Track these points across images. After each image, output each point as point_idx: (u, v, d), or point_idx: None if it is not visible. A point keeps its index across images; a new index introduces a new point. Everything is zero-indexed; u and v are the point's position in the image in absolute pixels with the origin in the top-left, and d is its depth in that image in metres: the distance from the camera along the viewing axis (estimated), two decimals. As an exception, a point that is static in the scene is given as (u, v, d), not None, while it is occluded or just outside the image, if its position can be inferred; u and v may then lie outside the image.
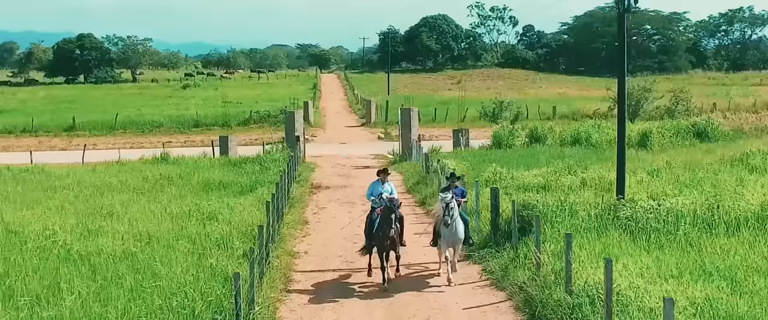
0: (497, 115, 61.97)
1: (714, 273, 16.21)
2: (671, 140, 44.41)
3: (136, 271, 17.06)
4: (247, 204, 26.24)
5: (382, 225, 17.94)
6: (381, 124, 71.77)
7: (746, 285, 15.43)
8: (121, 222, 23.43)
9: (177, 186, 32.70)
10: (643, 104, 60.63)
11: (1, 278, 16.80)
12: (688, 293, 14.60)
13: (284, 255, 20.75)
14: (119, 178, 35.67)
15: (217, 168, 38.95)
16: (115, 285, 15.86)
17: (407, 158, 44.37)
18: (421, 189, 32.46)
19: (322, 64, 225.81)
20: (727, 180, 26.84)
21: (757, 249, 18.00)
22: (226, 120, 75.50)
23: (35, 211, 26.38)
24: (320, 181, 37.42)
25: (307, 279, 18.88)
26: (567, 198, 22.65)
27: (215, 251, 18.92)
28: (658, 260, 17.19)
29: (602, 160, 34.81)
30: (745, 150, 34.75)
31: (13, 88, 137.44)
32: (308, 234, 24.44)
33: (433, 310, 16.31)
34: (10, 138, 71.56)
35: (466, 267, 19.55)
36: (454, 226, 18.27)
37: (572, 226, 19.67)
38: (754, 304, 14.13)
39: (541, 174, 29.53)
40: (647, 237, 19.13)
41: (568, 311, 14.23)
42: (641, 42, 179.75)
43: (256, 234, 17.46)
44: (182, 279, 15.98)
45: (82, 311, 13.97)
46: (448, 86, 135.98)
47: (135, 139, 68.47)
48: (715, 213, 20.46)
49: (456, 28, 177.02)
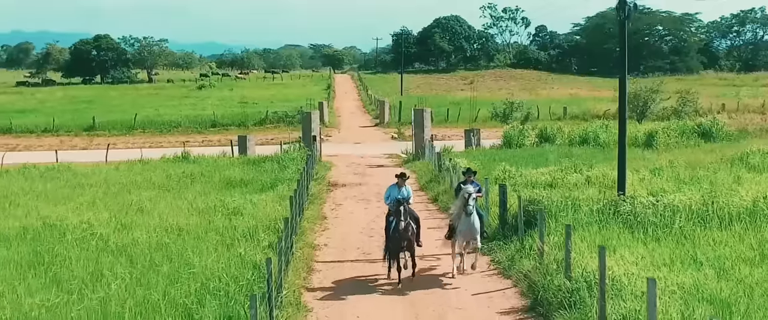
0: (508, 115, 63.32)
1: (704, 262, 17.56)
2: (676, 140, 45.68)
3: (171, 260, 18.53)
4: (269, 201, 27.69)
5: (396, 223, 18.59)
6: (394, 124, 73.18)
7: (733, 272, 16.77)
8: (152, 216, 24.92)
9: (200, 183, 34.20)
10: (651, 105, 61.89)
11: (47, 266, 18.29)
12: (677, 279, 15.95)
13: (306, 247, 22.20)
14: (143, 176, 37.20)
15: (237, 166, 40.38)
16: (153, 272, 17.33)
17: (420, 157, 45.76)
18: (434, 187, 33.86)
19: (336, 64, 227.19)
20: (724, 178, 28.18)
21: (746, 241, 19.34)
22: (243, 120, 77.03)
23: (68, 207, 27.92)
24: (337, 179, 38.84)
25: (327, 268, 20.31)
26: (571, 195, 24.06)
27: (243, 242, 20.37)
28: (653, 251, 18.55)
29: (608, 159, 36.09)
30: (746, 149, 36.02)
31: (31, 88, 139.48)
32: (327, 229, 25.88)
33: (444, 294, 17.74)
34: (32, 137, 73.29)
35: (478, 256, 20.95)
36: (472, 217, 19.04)
37: (575, 221, 21.01)
38: (737, 289, 15.47)
39: (548, 173, 30.93)
40: (644, 231, 20.48)
41: (567, 295, 15.63)
42: (653, 43, 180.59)
43: (282, 227, 18.90)
44: (215, 267, 17.44)
45: (127, 293, 15.44)
46: (460, 87, 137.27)
47: (154, 138, 70.02)
48: (709, 209, 21.80)
49: (468, 29, 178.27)
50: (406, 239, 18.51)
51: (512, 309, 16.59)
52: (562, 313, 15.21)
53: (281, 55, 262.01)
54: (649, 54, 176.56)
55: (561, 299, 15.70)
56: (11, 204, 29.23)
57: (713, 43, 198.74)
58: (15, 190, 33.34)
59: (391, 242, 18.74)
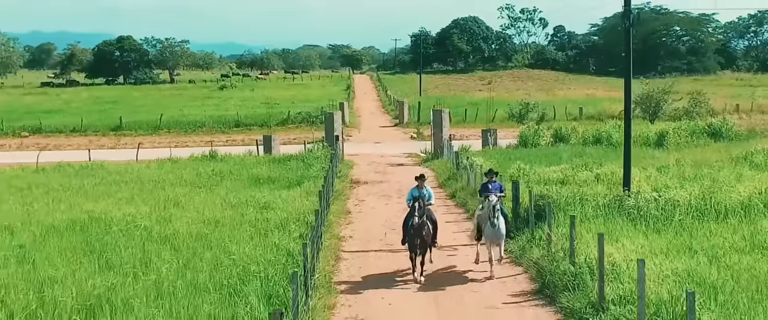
0: (523, 116, 64.96)
1: (698, 251, 19.20)
2: (687, 140, 47.22)
3: (211, 248, 20.33)
4: (297, 196, 29.48)
5: (412, 220, 19.35)
6: (413, 124, 74.90)
7: (724, 260, 18.38)
8: (188, 210, 26.75)
9: (230, 180, 36.02)
10: (663, 106, 63.42)
11: (98, 253, 20.12)
12: (672, 266, 17.59)
13: (332, 239, 23.99)
14: (174, 174, 39.06)
15: (263, 165, 42.15)
16: (197, 258, 19.12)
17: (439, 156, 47.49)
18: (452, 184, 35.61)
19: (354, 64, 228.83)
20: (726, 175, 29.75)
21: (739, 232, 20.95)
22: (266, 120, 78.92)
23: (108, 202, 29.78)
24: (359, 177, 40.62)
25: (353, 257, 22.08)
26: (580, 191, 25.79)
27: (275, 233, 22.15)
28: (652, 241, 20.21)
29: (619, 158, 37.30)
30: (752, 149, 37.56)
31: (56, 88, 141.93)
32: (351, 222, 27.66)
33: (462, 279, 19.48)
34: (61, 137, 75.43)
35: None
36: (498, 225, 19.73)
37: (582, 214, 22.71)
38: (726, 274, 17.10)
39: (560, 171, 32.60)
40: (646, 223, 22.14)
41: (571, 278, 17.36)
42: (670, 43, 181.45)
43: (313, 219, 20.69)
44: (252, 254, 19.23)
45: (176, 276, 17.24)
46: (478, 87, 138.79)
47: (179, 138, 71.96)
48: (707, 203, 23.44)
49: (486, 29, 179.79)
50: (420, 237, 19.21)
51: (522, 292, 18.30)
52: (566, 295, 16.94)
53: (300, 55, 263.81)
54: (667, 54, 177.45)
55: (566, 282, 17.43)
56: (54, 199, 31.08)
57: (731, 44, 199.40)
58: (55, 187, 35.27)
59: (407, 237, 19.73)
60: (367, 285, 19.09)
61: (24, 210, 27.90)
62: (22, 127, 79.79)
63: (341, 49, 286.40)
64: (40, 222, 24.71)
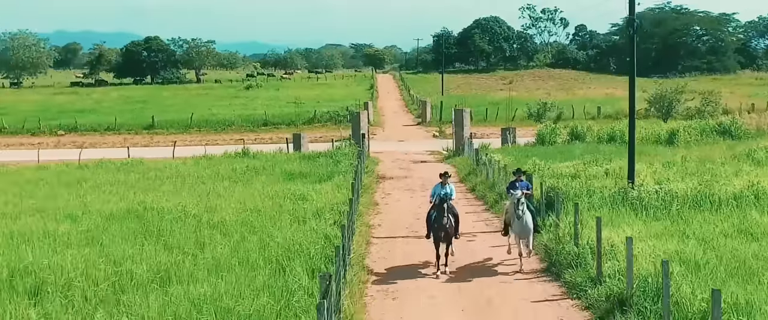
0: (541, 115, 67.32)
1: (690, 235, 21.59)
2: (697, 138, 49.44)
3: (256, 233, 22.89)
4: (329, 189, 32.00)
5: (438, 216, 20.89)
6: (436, 122, 77.29)
7: (712, 243, 20.74)
8: (231, 201, 29.32)
9: (264, 175, 38.63)
10: (675, 105, 65.64)
11: (157, 237, 22.72)
12: (664, 247, 19.99)
13: (363, 226, 26.53)
14: (211, 170, 41.66)
15: (294, 161, 44.72)
16: (245, 241, 21.69)
17: (460, 153, 49.93)
18: (472, 178, 38.12)
19: (377, 64, 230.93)
20: (727, 171, 32.11)
21: (730, 220, 23.31)
22: (293, 119, 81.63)
23: (155, 194, 32.43)
24: (384, 173, 43.15)
25: (382, 242, 24.61)
26: (589, 184, 28.27)
27: (312, 220, 24.71)
28: (650, 227, 22.64)
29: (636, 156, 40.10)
30: (755, 146, 39.84)
31: (86, 88, 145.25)
32: (379, 213, 30.22)
33: (480, 259, 21.97)
34: (96, 135, 78.33)
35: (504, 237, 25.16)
36: (524, 219, 20.83)
37: (589, 204, 25.17)
38: (711, 254, 19.45)
39: (572, 166, 35.06)
40: (646, 212, 24.57)
41: (574, 258, 19.85)
42: (690, 42, 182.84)
43: (348, 207, 23.26)
44: (293, 237, 21.78)
45: (230, 254, 19.83)
46: (499, 86, 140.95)
47: (209, 136, 74.64)
48: (704, 195, 25.83)
49: (508, 29, 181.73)
50: (444, 231, 20.78)
51: (532, 271, 20.77)
52: (569, 271, 19.41)
53: (323, 54, 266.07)
54: (687, 54, 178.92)
55: (570, 261, 19.92)
56: (105, 192, 33.82)
57: (751, 43, 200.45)
58: (101, 181, 37.99)
59: (431, 231, 21.26)
60: (395, 265, 21.60)
61: (80, 202, 30.58)
62: (58, 125, 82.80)
63: (364, 48, 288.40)
64: (98, 212, 27.39)
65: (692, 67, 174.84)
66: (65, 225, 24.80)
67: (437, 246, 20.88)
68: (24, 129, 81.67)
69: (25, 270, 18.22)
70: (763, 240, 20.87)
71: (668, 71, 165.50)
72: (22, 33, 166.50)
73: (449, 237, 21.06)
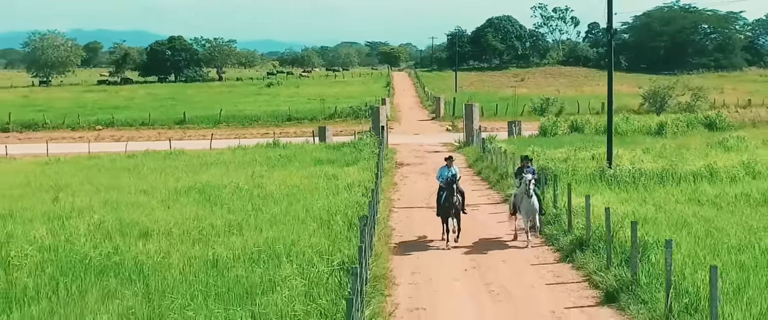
0: (545, 109, 72.75)
1: (649, 202, 26.99)
2: (684, 129, 54.77)
3: (300, 201, 28.37)
4: (354, 171, 37.48)
5: (447, 196, 23.90)
6: (449, 117, 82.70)
7: (665, 207, 26.10)
8: (272, 180, 34.80)
9: (297, 161, 44.08)
10: (668, 100, 71.04)
11: (220, 205, 28.22)
12: (625, 210, 25.34)
13: (385, 200, 31.98)
14: (248, 157, 47.11)
15: (321, 150, 50.19)
16: (292, 207, 27.19)
17: (470, 144, 55.33)
18: (479, 164, 43.54)
19: (392, 61, 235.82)
20: (695, 155, 37.46)
21: (685, 192, 28.68)
22: (315, 115, 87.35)
23: (207, 175, 37.90)
24: (402, 160, 48.59)
25: (401, 210, 30.08)
26: (575, 165, 33.72)
27: (344, 193, 30.20)
28: (617, 196, 28.04)
29: (620, 144, 45.44)
30: (728, 135, 45.17)
31: (114, 86, 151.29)
32: (398, 190, 35.69)
33: (480, 224, 27.38)
34: (132, 130, 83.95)
35: (502, 206, 30.56)
36: (532, 200, 23.68)
37: (573, 181, 30.53)
38: (662, 215, 24.78)
39: (565, 152, 40.43)
40: (618, 186, 30.00)
41: (553, 217, 25.31)
42: (698, 40, 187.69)
43: (374, 183, 28.74)
44: (331, 203, 27.28)
45: (285, 212, 25.35)
46: (511, 83, 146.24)
47: (238, 131, 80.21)
48: (667, 172, 31.23)
49: (520, 28, 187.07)
50: (454, 208, 23.80)
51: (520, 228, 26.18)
52: (548, 227, 24.84)
53: (339, 52, 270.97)
54: (695, 51, 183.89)
55: (549, 219, 25.34)
56: (162, 174, 39.34)
57: (758, 41, 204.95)
58: (154, 167, 43.44)
59: (441, 210, 24.21)
60: (411, 226, 27.05)
61: (145, 181, 36.12)
62: (96, 120, 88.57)
63: (379, 46, 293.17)
64: (165, 188, 32.94)
65: (700, 64, 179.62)
66: (143, 197, 30.37)
67: (446, 221, 24.09)
68: (64, 124, 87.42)
69: (131, 222, 23.81)
70: (706, 205, 26.25)
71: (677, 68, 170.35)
72: (50, 33, 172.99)
73: (458, 212, 24.28)
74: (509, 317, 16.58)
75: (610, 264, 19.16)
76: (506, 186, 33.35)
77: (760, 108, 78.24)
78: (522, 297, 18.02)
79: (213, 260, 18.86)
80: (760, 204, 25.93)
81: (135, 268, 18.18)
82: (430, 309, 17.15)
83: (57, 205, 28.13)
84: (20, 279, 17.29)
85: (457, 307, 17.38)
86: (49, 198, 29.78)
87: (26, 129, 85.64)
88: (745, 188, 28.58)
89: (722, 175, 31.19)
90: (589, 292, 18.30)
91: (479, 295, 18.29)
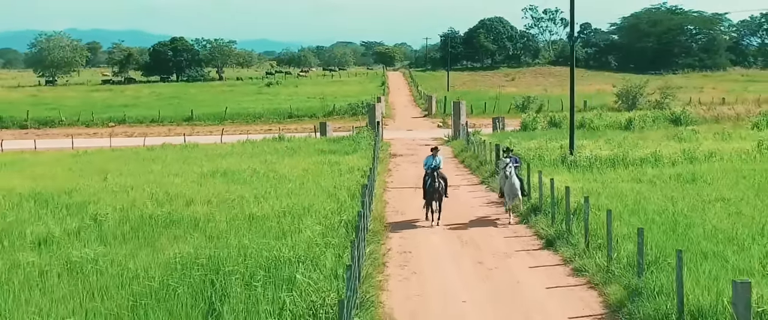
0: (526, 106, 78.58)
1: (598, 180, 32.71)
2: (650, 124, 60.56)
3: (309, 181, 34.08)
4: (354, 159, 43.23)
5: (432, 182, 27.42)
6: (440, 115, 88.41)
7: (610, 185, 31.70)
8: (284, 165, 40.50)
9: (302, 152, 49.79)
10: (639, 98, 76.94)
11: (242, 184, 33.88)
12: (577, 186, 30.98)
13: (380, 182, 37.70)
14: (257, 149, 52.76)
15: (323, 143, 55.89)
16: (303, 185, 32.88)
17: (457, 137, 61.08)
18: (463, 154, 49.26)
19: (387, 61, 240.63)
20: (650, 144, 43.20)
21: (630, 173, 34.39)
22: (315, 112, 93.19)
23: (224, 163, 43.52)
24: (395, 152, 54.26)
25: (394, 190, 35.74)
26: (543, 152, 39.46)
27: (346, 175, 35.91)
28: (573, 177, 33.72)
29: (586, 137, 51.29)
30: (685, 129, 50.94)
31: (119, 85, 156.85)
32: (392, 175, 41.39)
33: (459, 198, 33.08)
34: (142, 126, 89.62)
35: (480, 186, 36.24)
36: (511, 181, 27.36)
37: (540, 165, 36.25)
38: (605, 190, 30.43)
39: (538, 143, 46.17)
40: (576, 169, 35.72)
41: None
42: (684, 41, 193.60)
43: (370, 166, 34.47)
44: (336, 183, 32.99)
45: (298, 188, 31.05)
46: (501, 83, 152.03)
47: (242, 127, 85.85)
48: (619, 158, 36.98)
49: (511, 29, 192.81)
50: (437, 192, 27.26)
51: (489, 200, 31.87)
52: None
53: (335, 52, 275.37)
54: (680, 52, 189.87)
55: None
56: (184, 163, 44.96)
57: (743, 41, 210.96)
58: (176, 157, 49.06)
59: (427, 194, 27.62)
60: (402, 200, 32.74)
61: (173, 168, 41.77)
62: (109, 118, 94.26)
63: (374, 46, 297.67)
64: (192, 172, 38.62)
65: (686, 64, 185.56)
66: (176, 178, 36.06)
67: (430, 203, 27.59)
68: (79, 121, 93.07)
69: (177, 194, 29.53)
70: (643, 183, 31.98)
71: (663, 68, 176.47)
72: (56, 33, 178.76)
73: (441, 196, 27.75)
74: (474, 255, 22.26)
75: (554, 222, 24.90)
76: (484, 171, 39.21)
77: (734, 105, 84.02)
78: (485, 244, 23.73)
79: (250, 217, 24.58)
80: (688, 182, 31.60)
81: (191, 223, 23.90)
82: (415, 251, 22.86)
83: (107, 183, 33.85)
84: (108, 229, 23.04)
85: (436, 251, 23.09)
86: (99, 179, 35.51)
87: (43, 126, 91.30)
88: (680, 170, 34.33)
89: (665, 160, 36.94)
90: (536, 242, 24.03)
91: (452, 243, 24.02)
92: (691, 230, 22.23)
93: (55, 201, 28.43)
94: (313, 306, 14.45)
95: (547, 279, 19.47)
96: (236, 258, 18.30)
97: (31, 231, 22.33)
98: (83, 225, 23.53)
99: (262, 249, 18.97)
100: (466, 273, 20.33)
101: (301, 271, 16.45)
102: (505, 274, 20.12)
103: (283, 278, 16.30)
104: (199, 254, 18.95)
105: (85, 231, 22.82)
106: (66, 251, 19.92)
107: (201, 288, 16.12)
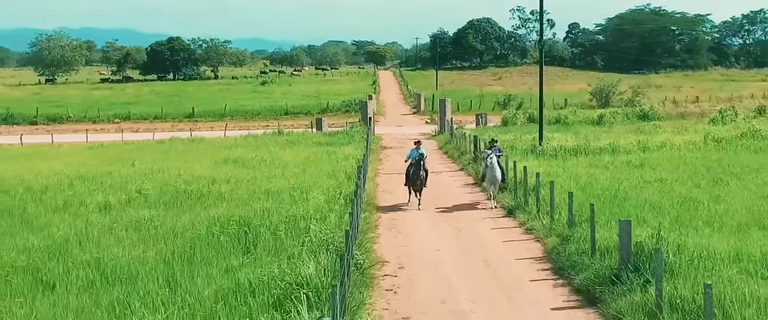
0: (507, 104, 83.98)
1: (560, 166, 37.94)
2: (621, 120, 65.89)
3: (313, 166, 39.26)
4: (349, 149, 48.39)
5: (415, 170, 30.93)
6: (428, 112, 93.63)
7: (571, 170, 36.88)
8: (286, 154, 45.69)
9: (302, 144, 54.95)
10: (611, 97, 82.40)
11: (253, 169, 39.03)
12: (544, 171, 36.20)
13: (372, 168, 42.89)
14: (260, 142, 57.87)
15: (319, 137, 61.06)
16: (306, 169, 38.07)
17: (442, 132, 66.34)
18: (447, 146, 54.52)
19: (378, 61, 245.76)
20: (612, 137, 48.50)
21: (589, 160, 39.65)
22: (310, 109, 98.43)
23: (232, 153, 48.61)
24: (386, 145, 59.48)
25: (384, 175, 40.94)
26: (515, 143, 44.77)
27: (343, 162, 41.12)
28: (541, 164, 38.98)
29: (560, 131, 56.61)
30: (647, 125, 56.26)
31: (118, 84, 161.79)
32: (382, 163, 46.62)
33: (442, 184, 38.28)
34: (146, 123, 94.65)
35: (460, 172, 41.46)
36: (492, 170, 30.64)
37: (513, 154, 41.50)
38: (566, 174, 35.64)
39: (513, 136, 51.43)
40: (543, 157, 40.97)
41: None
42: (667, 42, 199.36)
43: (363, 154, 39.70)
44: (336, 167, 38.21)
45: (302, 171, 36.25)
46: (489, 82, 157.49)
47: (241, 123, 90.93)
48: (582, 148, 42.27)
49: (499, 30, 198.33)
50: (419, 181, 30.79)
51: (466, 183, 37.05)
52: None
53: (326, 52, 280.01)
54: (663, 52, 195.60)
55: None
56: (196, 153, 50.06)
57: (725, 42, 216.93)
58: (186, 149, 54.18)
59: (409, 182, 31.09)
60: (391, 184, 37.92)
61: (188, 157, 46.87)
62: (114, 115, 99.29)
63: (365, 45, 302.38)
64: (206, 160, 43.77)
65: (669, 64, 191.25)
66: (194, 165, 41.22)
67: (411, 190, 31.22)
68: (86, 117, 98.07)
69: (199, 176, 34.72)
70: (599, 168, 37.25)
71: (646, 68, 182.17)
72: (57, 33, 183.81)
73: (421, 185, 31.20)
74: (449, 221, 27.54)
75: (516, 197, 30.18)
76: (464, 160, 44.46)
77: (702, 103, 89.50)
78: (459, 214, 29.01)
79: (266, 191, 29.79)
80: (636, 167, 36.87)
81: (218, 196, 29.10)
82: (401, 219, 28.12)
83: (136, 169, 39.02)
84: (152, 199, 28.27)
85: (417, 219, 28.34)
86: (127, 165, 40.70)
87: (52, 122, 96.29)
88: (632, 158, 39.64)
89: (621, 150, 42.26)
90: (499, 212, 29.32)
91: (431, 214, 29.30)
92: (626, 202, 27.45)
93: (99, 181, 33.63)
94: (325, 242, 19.70)
95: (504, 237, 24.75)
96: (261, 216, 23.55)
97: (92, 201, 27.61)
98: (132, 197, 28.79)
99: (281, 211, 24.22)
100: (441, 234, 25.59)
101: (313, 224, 21.69)
102: (472, 234, 25.40)
103: (300, 229, 21.57)
104: (231, 214, 24.17)
105: (135, 200, 28.08)
106: (125, 214, 25.16)
107: (238, 236, 21.35)
